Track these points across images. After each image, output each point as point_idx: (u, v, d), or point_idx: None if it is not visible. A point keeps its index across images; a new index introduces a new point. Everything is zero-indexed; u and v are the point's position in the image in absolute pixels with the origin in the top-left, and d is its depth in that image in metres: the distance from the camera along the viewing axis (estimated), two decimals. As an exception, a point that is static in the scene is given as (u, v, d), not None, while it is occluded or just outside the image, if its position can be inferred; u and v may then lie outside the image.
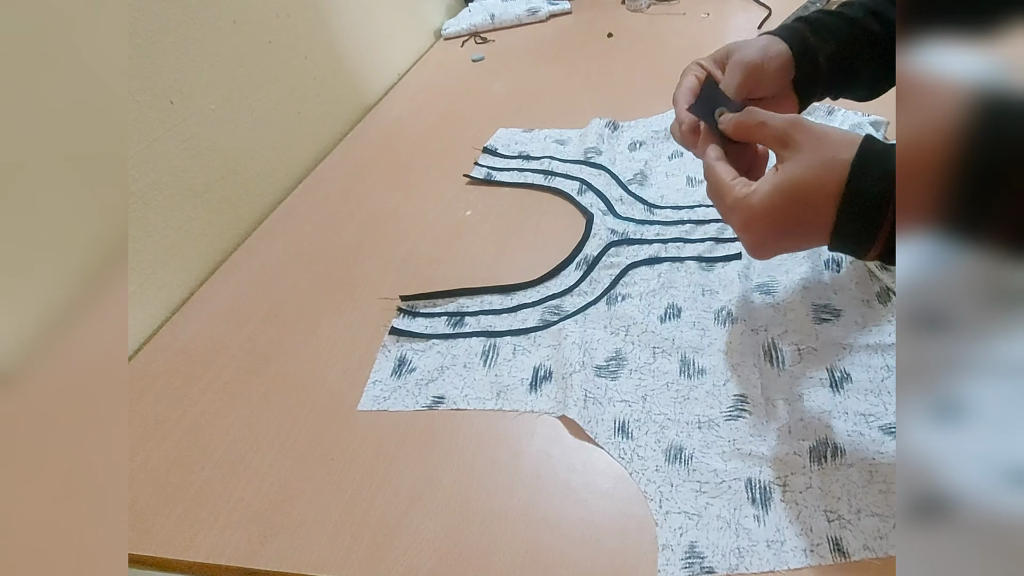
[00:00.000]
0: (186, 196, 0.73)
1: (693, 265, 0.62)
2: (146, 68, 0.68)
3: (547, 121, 0.93)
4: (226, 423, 0.56)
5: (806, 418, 0.47)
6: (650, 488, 0.45)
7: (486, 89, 1.08)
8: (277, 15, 0.88)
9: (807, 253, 0.60)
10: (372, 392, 0.56)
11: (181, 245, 0.73)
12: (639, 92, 0.97)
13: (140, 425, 0.57)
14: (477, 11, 1.32)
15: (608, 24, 1.22)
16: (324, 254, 0.74)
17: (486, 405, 0.53)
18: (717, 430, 0.48)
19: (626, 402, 0.51)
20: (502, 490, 0.47)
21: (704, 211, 0.68)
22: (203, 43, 0.75)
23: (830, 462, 0.44)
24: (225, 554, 0.46)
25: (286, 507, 0.48)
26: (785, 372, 0.51)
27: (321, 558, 0.44)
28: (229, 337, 0.65)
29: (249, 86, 0.82)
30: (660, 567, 0.41)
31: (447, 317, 0.62)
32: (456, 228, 0.75)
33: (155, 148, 0.69)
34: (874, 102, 0.53)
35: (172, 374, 0.62)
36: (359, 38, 1.06)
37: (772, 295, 0.57)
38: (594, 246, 0.66)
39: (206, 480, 0.51)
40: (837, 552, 0.40)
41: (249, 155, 0.83)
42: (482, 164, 0.85)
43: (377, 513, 0.47)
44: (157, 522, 0.49)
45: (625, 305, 0.59)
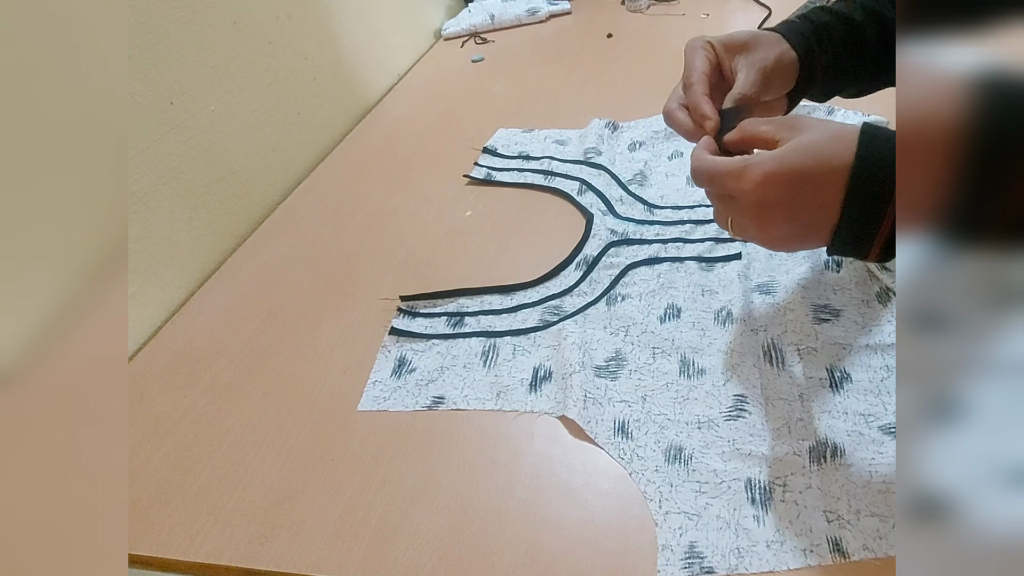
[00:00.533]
0: (186, 197, 0.73)
1: (693, 265, 0.62)
2: (146, 68, 0.68)
3: (547, 121, 0.93)
4: (226, 423, 0.56)
5: (806, 418, 0.47)
6: (650, 488, 0.45)
7: (486, 89, 1.08)
8: (277, 16, 0.88)
9: (807, 253, 0.60)
10: (372, 392, 0.56)
11: (181, 245, 0.73)
12: (639, 92, 0.97)
13: (140, 425, 0.57)
14: (477, 11, 1.32)
15: (608, 24, 1.22)
16: (324, 255, 0.74)
17: (486, 405, 0.53)
18: (717, 430, 0.48)
19: (626, 402, 0.51)
20: (502, 490, 0.47)
21: (704, 211, 0.68)
22: (203, 43, 0.75)
23: (830, 462, 0.44)
24: (225, 554, 0.46)
25: (286, 507, 0.48)
26: (785, 372, 0.51)
27: (321, 558, 0.44)
28: (229, 337, 0.65)
29: (249, 87, 0.82)
30: (660, 567, 0.41)
31: (447, 317, 0.62)
32: (456, 228, 0.75)
33: (155, 149, 0.69)
34: (874, 102, 0.53)
35: (172, 374, 0.62)
36: (359, 39, 1.06)
37: (772, 295, 0.57)
38: (594, 246, 0.66)
39: (206, 480, 0.51)
40: (837, 552, 0.40)
41: (249, 156, 0.83)
42: (482, 164, 0.85)
43: (377, 513, 0.47)
44: (157, 522, 0.49)
45: (625, 305, 0.59)
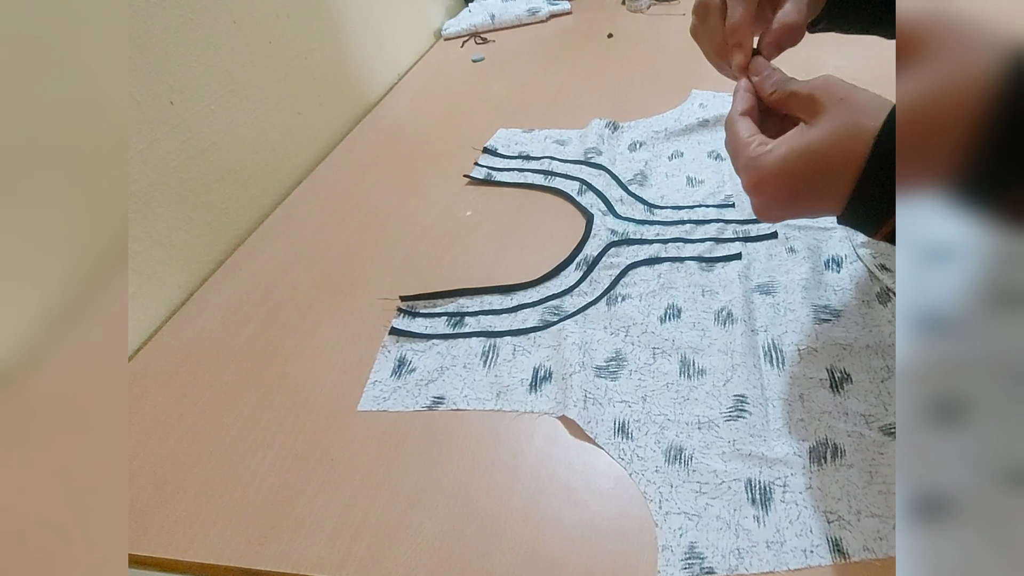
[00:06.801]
0: (186, 196, 0.73)
1: (693, 265, 0.62)
2: (146, 68, 0.68)
3: (547, 121, 0.93)
4: (226, 423, 0.56)
5: (806, 418, 0.47)
6: (650, 489, 0.45)
7: (486, 89, 1.08)
8: (277, 15, 0.87)
9: (807, 253, 0.60)
10: (372, 392, 0.56)
11: (181, 245, 0.73)
12: (639, 92, 0.97)
13: (140, 425, 0.57)
14: (477, 11, 1.32)
15: (608, 24, 1.22)
16: (324, 254, 0.74)
17: (486, 405, 0.53)
18: (717, 431, 0.48)
19: (626, 403, 0.51)
20: (502, 490, 0.47)
21: (704, 211, 0.69)
22: (203, 43, 0.75)
23: (830, 462, 0.44)
24: (225, 554, 0.46)
25: (286, 507, 0.48)
26: (785, 372, 0.51)
27: (321, 558, 0.44)
28: (229, 337, 0.65)
29: (249, 86, 0.82)
30: (660, 568, 0.41)
31: (447, 317, 0.62)
32: (456, 228, 0.75)
33: (155, 148, 0.69)
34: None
35: (172, 374, 0.62)
36: (359, 38, 1.06)
37: (772, 295, 0.57)
38: (594, 246, 0.66)
39: (206, 480, 0.51)
40: (837, 553, 0.40)
41: (249, 155, 0.83)
42: (482, 164, 0.85)
43: (377, 513, 0.47)
44: (157, 522, 0.49)
45: (625, 305, 0.59)
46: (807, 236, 0.63)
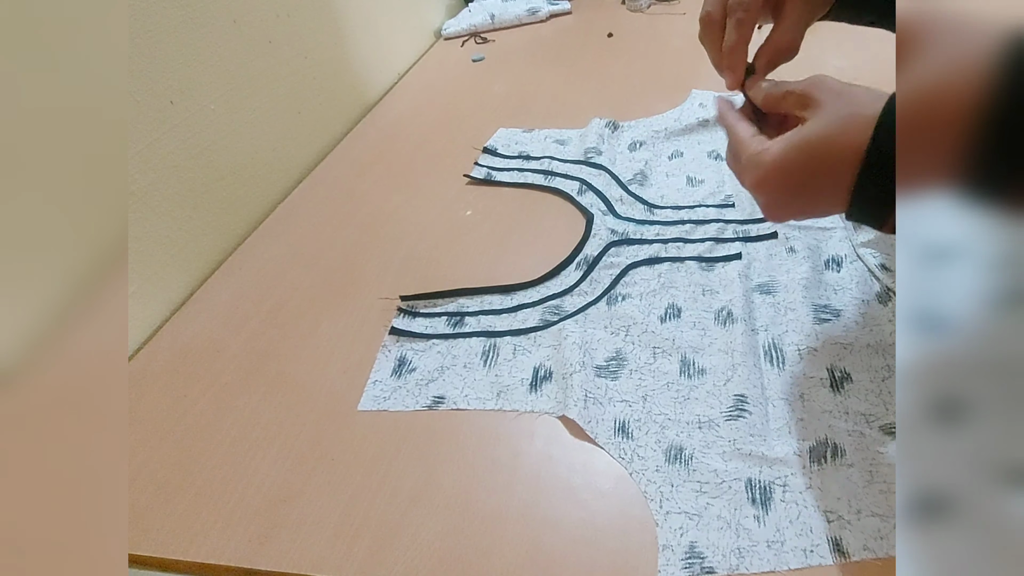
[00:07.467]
0: (186, 196, 0.73)
1: (693, 265, 0.62)
2: (146, 68, 0.68)
3: (547, 121, 0.93)
4: (226, 423, 0.56)
5: (806, 418, 0.47)
6: (650, 488, 0.45)
7: (486, 89, 1.08)
8: (277, 15, 0.87)
9: (807, 253, 0.60)
10: (372, 392, 0.56)
11: (181, 245, 0.73)
12: (639, 92, 0.97)
13: (140, 425, 0.56)
14: (477, 11, 1.32)
15: (608, 24, 1.22)
16: (324, 254, 0.74)
17: (486, 405, 0.53)
18: (717, 430, 0.48)
19: (626, 402, 0.51)
20: (502, 490, 0.47)
21: (704, 211, 0.68)
22: (203, 43, 0.75)
23: (830, 462, 0.44)
24: (225, 554, 0.46)
25: (286, 507, 0.48)
26: (785, 372, 0.51)
27: (321, 558, 0.44)
28: (229, 337, 0.65)
29: (249, 86, 0.82)
30: (660, 567, 0.41)
31: (447, 317, 0.62)
32: (456, 228, 0.75)
33: (155, 148, 0.69)
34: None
35: (172, 374, 0.62)
36: (359, 38, 1.06)
37: (773, 295, 0.57)
38: (594, 246, 0.66)
39: (206, 480, 0.51)
40: (837, 552, 0.40)
41: (249, 155, 0.83)
42: (482, 164, 0.85)
43: (377, 513, 0.47)
44: (157, 522, 0.49)
45: (625, 305, 0.59)
46: (807, 236, 0.63)
